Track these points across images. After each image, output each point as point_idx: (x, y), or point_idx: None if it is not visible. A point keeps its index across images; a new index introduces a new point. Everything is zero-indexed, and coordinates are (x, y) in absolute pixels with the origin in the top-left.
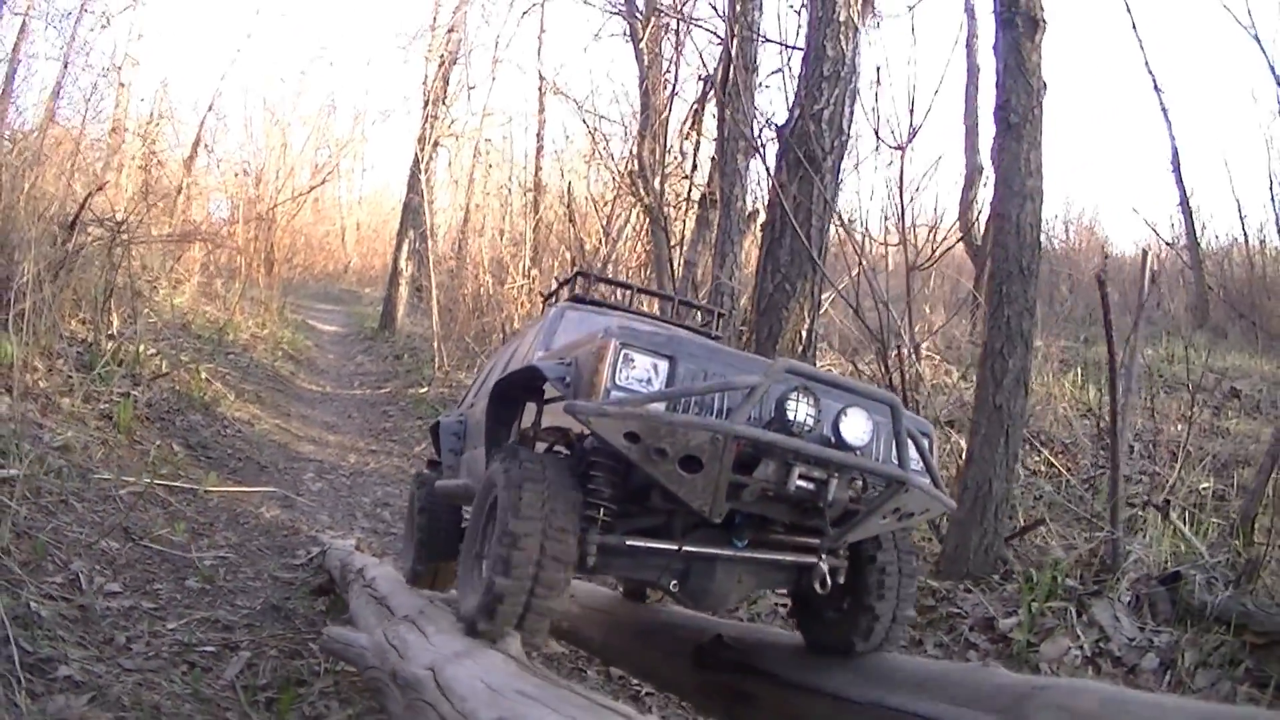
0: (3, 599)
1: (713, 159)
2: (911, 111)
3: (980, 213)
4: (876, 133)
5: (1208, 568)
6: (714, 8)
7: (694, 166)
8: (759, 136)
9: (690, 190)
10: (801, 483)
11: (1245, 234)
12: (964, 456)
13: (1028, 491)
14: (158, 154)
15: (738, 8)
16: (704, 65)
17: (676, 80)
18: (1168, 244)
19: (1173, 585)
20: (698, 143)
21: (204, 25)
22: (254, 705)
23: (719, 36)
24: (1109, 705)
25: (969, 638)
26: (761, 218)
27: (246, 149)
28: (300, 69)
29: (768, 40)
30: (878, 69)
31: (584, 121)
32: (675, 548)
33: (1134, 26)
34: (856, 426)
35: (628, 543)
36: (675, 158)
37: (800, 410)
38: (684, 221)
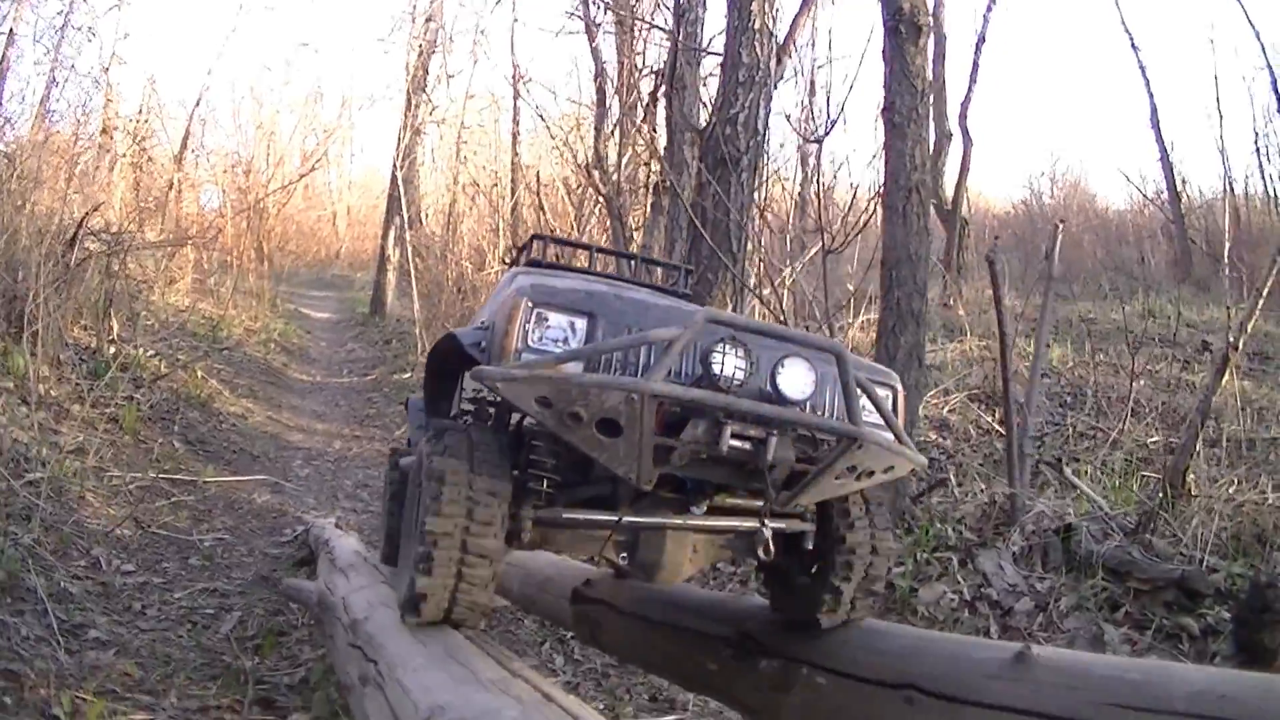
0: (40, 580)
1: (665, 149)
2: (828, 106)
3: (947, 179)
4: (797, 130)
5: (1104, 520)
6: (665, 6)
7: (651, 156)
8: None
9: (648, 179)
10: (735, 442)
11: (1229, 187)
12: None
13: (976, 450)
14: (148, 151)
15: (683, 10)
16: (658, 60)
17: (628, 75)
18: (1149, 199)
19: (1065, 536)
20: (652, 135)
21: (189, 21)
22: (244, 651)
23: (666, 32)
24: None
25: None
26: None
27: (235, 140)
28: (285, 58)
29: (692, 48)
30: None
31: (541, 118)
32: (616, 518)
33: None
34: (796, 378)
35: (565, 515)
36: (630, 149)
37: (728, 363)
38: (644, 209)
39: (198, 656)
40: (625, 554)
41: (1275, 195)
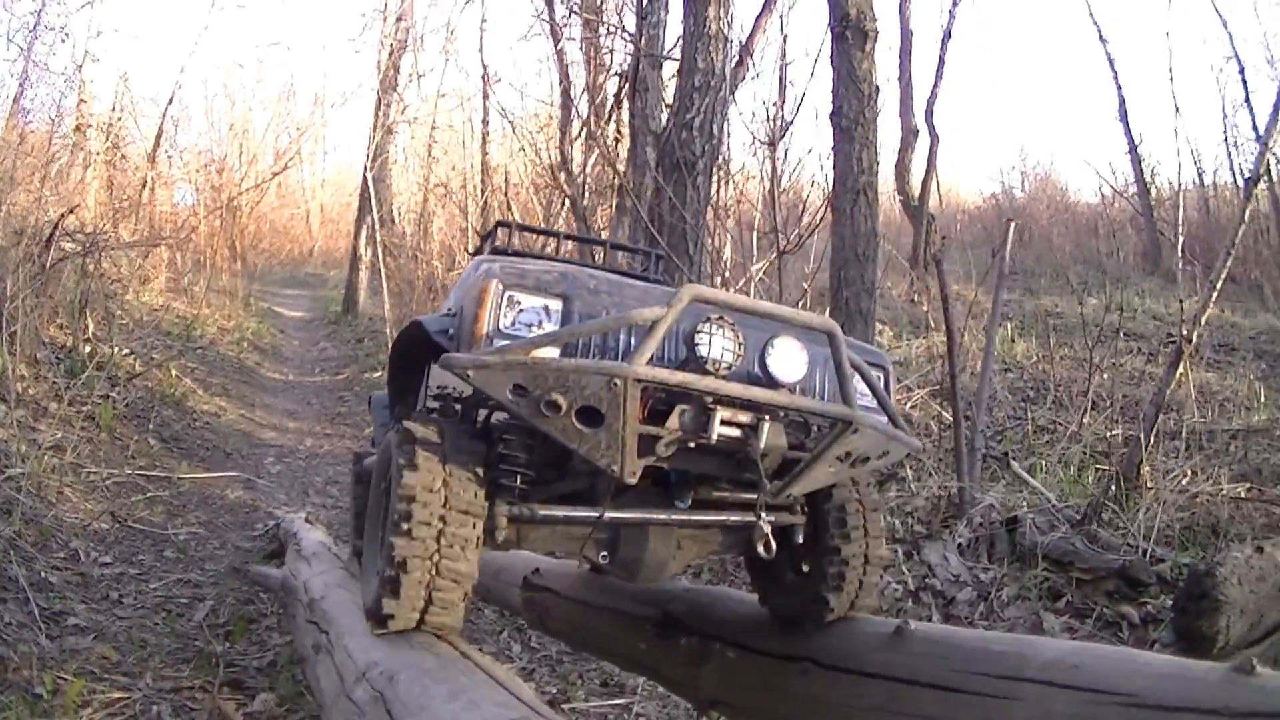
0: (21, 570)
1: (629, 151)
2: (781, 110)
3: (914, 175)
4: (752, 132)
5: (1051, 512)
6: (630, 8)
7: (615, 157)
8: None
9: (613, 180)
10: (725, 429)
11: (1200, 178)
12: None
13: (938, 446)
14: (121, 149)
15: (645, 14)
16: (623, 62)
17: (593, 77)
18: (1118, 192)
19: (1011, 528)
20: (617, 137)
21: (161, 18)
22: (216, 637)
23: (628, 36)
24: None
25: None
26: None
27: (208, 138)
28: (258, 56)
29: (652, 55)
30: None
31: (508, 120)
32: (597, 515)
33: None
34: (787, 359)
35: (542, 512)
36: (595, 151)
37: (715, 344)
38: (610, 209)
39: (172, 642)
40: (605, 552)
41: (1242, 185)
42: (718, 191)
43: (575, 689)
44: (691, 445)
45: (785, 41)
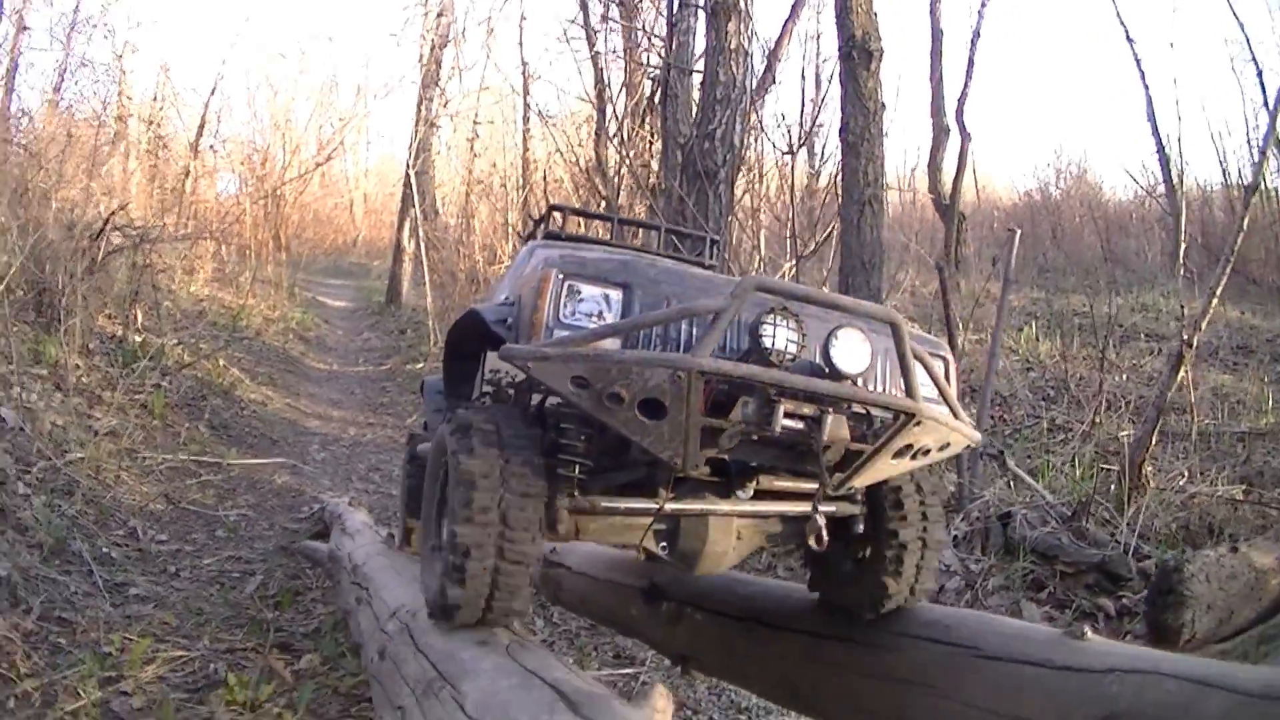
0: (85, 545)
1: (660, 156)
2: (800, 121)
3: (945, 174)
4: (772, 142)
5: (1044, 508)
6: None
7: (649, 158)
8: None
9: (647, 181)
10: (789, 422)
11: (1225, 178)
12: None
13: None
14: (164, 139)
15: (675, 22)
16: (654, 68)
17: (628, 81)
18: (1147, 192)
19: (1006, 522)
20: (650, 139)
21: (201, 9)
22: (266, 606)
23: (660, 43)
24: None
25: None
26: None
27: (251, 128)
28: (300, 47)
29: (679, 67)
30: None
31: (544, 123)
32: (658, 506)
33: None
34: (851, 350)
35: (603, 504)
36: (628, 155)
37: (779, 335)
38: (645, 210)
39: (226, 610)
40: (665, 543)
41: (1266, 187)
42: (750, 195)
43: (590, 660)
44: (754, 437)
45: (805, 55)
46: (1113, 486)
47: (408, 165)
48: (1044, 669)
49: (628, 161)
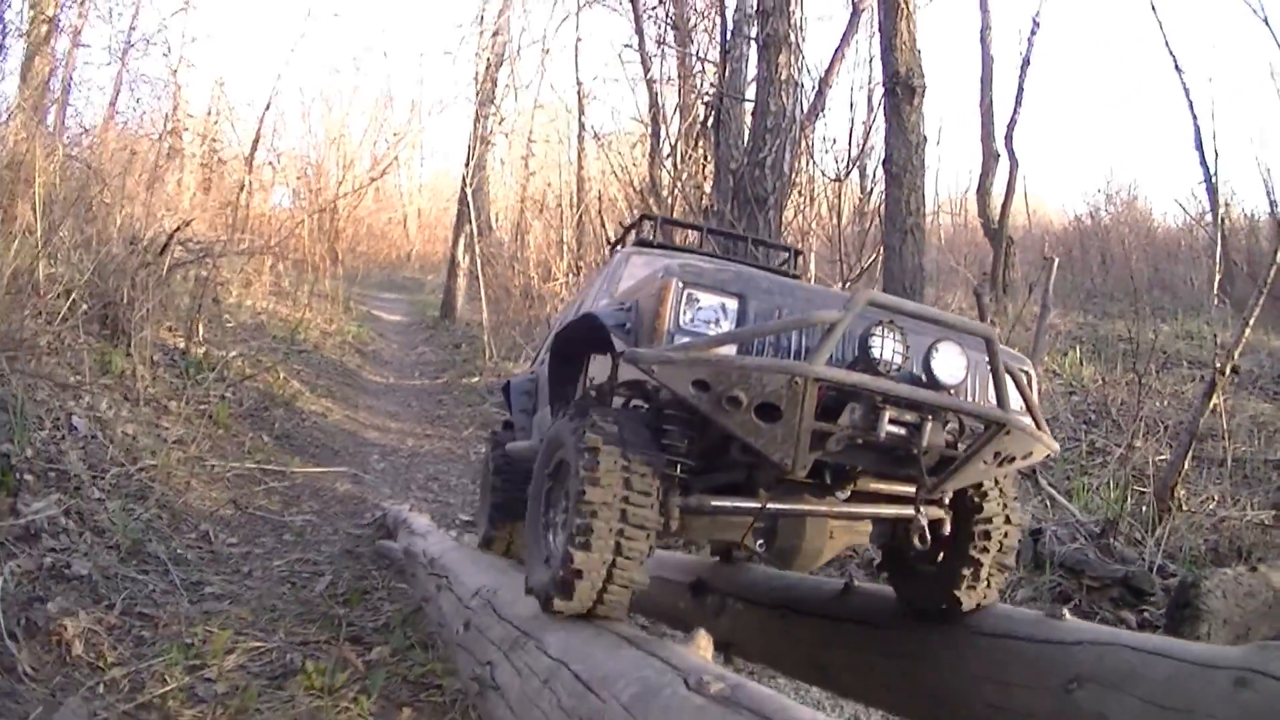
0: (160, 547)
1: (713, 179)
2: (849, 149)
3: (993, 198)
4: (821, 170)
5: (1074, 525)
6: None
7: (704, 179)
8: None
9: (699, 203)
10: (893, 428)
11: (1273, 206)
12: None
13: None
14: (218, 153)
15: (729, 50)
16: (706, 92)
17: (682, 103)
18: (1195, 220)
19: (1036, 538)
20: (703, 162)
21: (255, 25)
22: (336, 604)
23: (715, 64)
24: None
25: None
26: None
27: (306, 142)
28: (355, 62)
29: (732, 96)
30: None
31: (599, 144)
32: (761, 505)
33: (1153, 8)
34: (950, 363)
35: (712, 504)
36: (680, 178)
37: (886, 347)
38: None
39: (298, 607)
40: (763, 540)
41: None
42: (800, 217)
43: None
44: (859, 441)
45: (855, 83)
46: (1145, 508)
47: (463, 182)
48: (1027, 642)
49: (680, 183)
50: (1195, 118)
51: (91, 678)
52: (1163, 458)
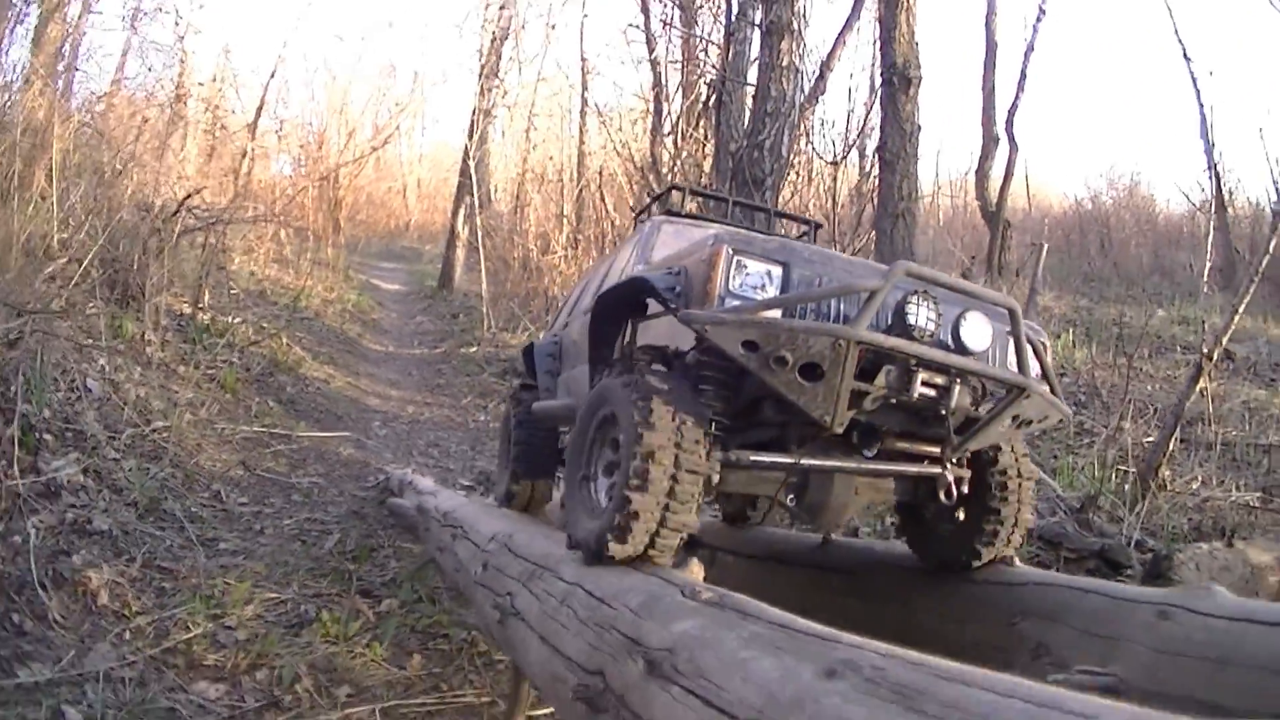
0: (176, 505)
1: (713, 158)
2: (846, 133)
3: (991, 181)
4: (818, 154)
5: (1054, 501)
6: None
7: (704, 157)
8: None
9: (699, 180)
10: (925, 389)
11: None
12: None
13: None
14: (222, 119)
15: (733, 32)
16: (710, 71)
17: (685, 82)
18: (1197, 207)
19: None
20: (703, 142)
21: None
22: (345, 560)
23: (719, 45)
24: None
25: None
26: None
27: (309, 110)
28: (360, 33)
29: (735, 80)
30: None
31: (603, 121)
32: (795, 461)
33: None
34: (977, 331)
35: (751, 458)
36: (680, 156)
37: (921, 314)
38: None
39: (309, 563)
40: (793, 496)
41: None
42: (797, 198)
43: None
44: (893, 401)
45: (856, 65)
46: (1128, 487)
47: (465, 153)
48: (979, 585)
49: (680, 161)
50: (1201, 105)
51: (118, 625)
52: (1150, 439)
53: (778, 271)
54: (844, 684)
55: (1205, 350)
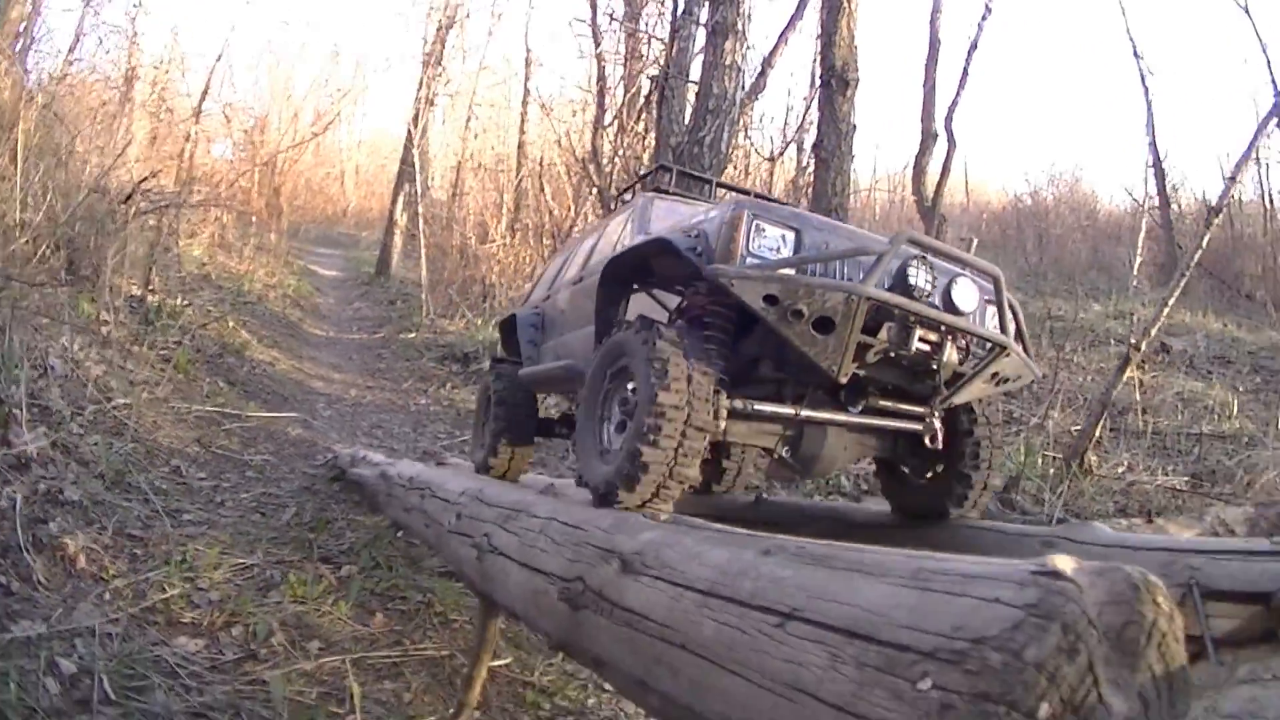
0: (140, 477)
1: (654, 151)
2: (784, 129)
3: (929, 176)
4: (756, 150)
5: None
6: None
7: (644, 150)
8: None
9: (640, 171)
10: (921, 344)
11: (1208, 196)
12: None
13: None
14: (167, 102)
15: (678, 28)
16: (653, 63)
17: (627, 78)
18: (1139, 204)
19: None
20: (644, 135)
21: None
22: (304, 530)
23: (663, 41)
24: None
25: None
26: None
27: (252, 94)
28: (305, 18)
29: (679, 76)
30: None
31: (545, 111)
32: (794, 413)
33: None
34: (967, 293)
35: (755, 407)
36: (621, 148)
37: (920, 276)
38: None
39: (270, 533)
40: (789, 447)
41: (1269, 205)
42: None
43: None
44: (891, 355)
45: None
46: (1053, 471)
47: (407, 140)
48: (892, 529)
49: (621, 154)
50: (1150, 104)
51: (97, 587)
52: (1078, 428)
53: (791, 236)
54: (776, 558)
55: (1133, 341)
